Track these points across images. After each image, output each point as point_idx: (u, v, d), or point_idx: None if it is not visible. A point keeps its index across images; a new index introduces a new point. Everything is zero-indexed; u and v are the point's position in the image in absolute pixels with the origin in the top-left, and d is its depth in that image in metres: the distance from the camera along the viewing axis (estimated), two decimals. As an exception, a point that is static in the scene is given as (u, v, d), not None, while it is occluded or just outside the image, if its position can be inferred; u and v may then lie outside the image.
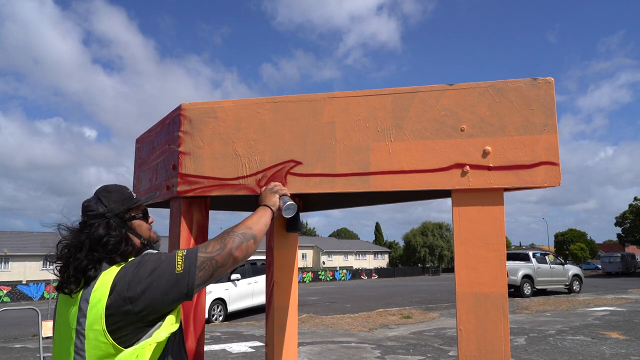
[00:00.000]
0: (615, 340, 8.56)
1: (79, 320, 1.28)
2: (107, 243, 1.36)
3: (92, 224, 1.39)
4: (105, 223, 1.40)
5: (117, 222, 1.43)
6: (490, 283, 1.51)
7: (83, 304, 1.29)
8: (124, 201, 1.48)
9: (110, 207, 1.44)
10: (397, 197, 2.20)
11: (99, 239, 1.36)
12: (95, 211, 1.42)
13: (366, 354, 7.71)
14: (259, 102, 1.79)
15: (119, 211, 1.45)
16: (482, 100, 1.57)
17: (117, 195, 1.48)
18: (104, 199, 1.45)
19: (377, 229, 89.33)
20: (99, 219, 1.41)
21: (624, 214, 52.82)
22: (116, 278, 1.30)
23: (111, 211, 1.43)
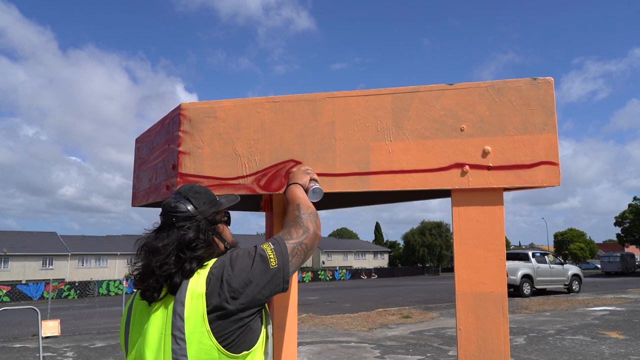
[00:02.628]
0: (614, 339, 8.56)
1: (175, 324, 1.22)
2: (196, 247, 1.30)
3: (182, 226, 1.33)
4: (195, 226, 1.34)
5: (206, 225, 1.37)
6: (490, 283, 1.51)
7: (178, 308, 1.23)
8: (212, 203, 1.43)
9: (200, 209, 1.38)
10: (397, 197, 2.20)
11: (189, 242, 1.30)
12: (186, 212, 1.35)
13: (366, 354, 7.71)
14: (258, 102, 1.79)
15: (208, 214, 1.39)
16: (482, 100, 1.57)
17: (206, 196, 1.42)
18: (193, 200, 1.39)
19: (377, 229, 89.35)
20: (189, 221, 1.34)
21: (623, 214, 52.85)
22: (210, 279, 1.25)
23: (201, 213, 1.38)
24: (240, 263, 1.27)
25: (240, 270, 1.25)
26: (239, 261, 1.28)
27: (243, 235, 65.86)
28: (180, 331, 1.20)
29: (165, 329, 1.24)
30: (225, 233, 1.47)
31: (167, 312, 1.25)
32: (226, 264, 1.28)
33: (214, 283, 1.24)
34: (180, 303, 1.23)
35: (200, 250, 1.32)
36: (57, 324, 10.78)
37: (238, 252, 1.32)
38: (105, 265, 50.19)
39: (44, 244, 47.78)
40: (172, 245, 1.29)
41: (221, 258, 1.32)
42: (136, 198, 2.36)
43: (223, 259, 1.31)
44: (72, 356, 8.31)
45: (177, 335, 1.20)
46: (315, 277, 43.47)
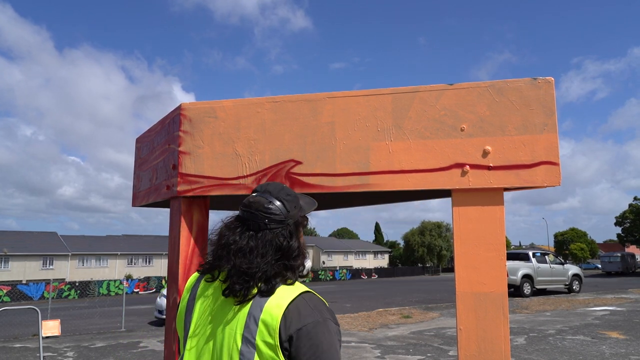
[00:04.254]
0: (615, 339, 8.56)
1: (248, 326, 1.19)
2: (291, 254, 1.26)
3: (274, 228, 1.27)
4: (288, 231, 1.29)
5: (295, 230, 1.32)
6: (490, 283, 1.51)
7: (255, 311, 1.19)
8: (301, 208, 1.37)
9: (292, 213, 1.32)
10: (397, 197, 2.20)
11: (292, 249, 1.26)
12: (279, 215, 1.28)
13: (366, 354, 7.71)
14: (259, 102, 1.80)
15: (296, 218, 1.33)
16: (482, 100, 1.57)
17: (296, 200, 1.36)
18: (286, 202, 1.32)
19: (377, 229, 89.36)
20: (281, 225, 1.28)
21: (623, 214, 52.83)
22: (289, 310, 1.19)
23: (292, 218, 1.31)
24: (320, 346, 1.17)
25: (313, 353, 1.17)
26: (321, 346, 1.18)
27: (243, 235, 65.69)
28: (252, 335, 1.18)
29: (237, 327, 1.21)
30: (302, 239, 1.38)
31: (242, 312, 1.22)
32: (310, 325, 1.18)
33: (289, 323, 1.17)
34: (258, 308, 1.19)
35: (299, 259, 1.28)
36: (58, 324, 10.79)
37: (329, 336, 1.20)
38: (105, 265, 50.20)
39: (44, 244, 47.80)
40: (267, 248, 1.25)
41: (313, 312, 1.21)
42: (137, 198, 2.36)
43: (313, 317, 1.20)
44: (72, 356, 8.32)
45: (248, 338, 1.18)
46: (315, 277, 43.47)
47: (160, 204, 2.28)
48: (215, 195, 1.82)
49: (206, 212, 1.95)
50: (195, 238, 1.89)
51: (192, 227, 1.89)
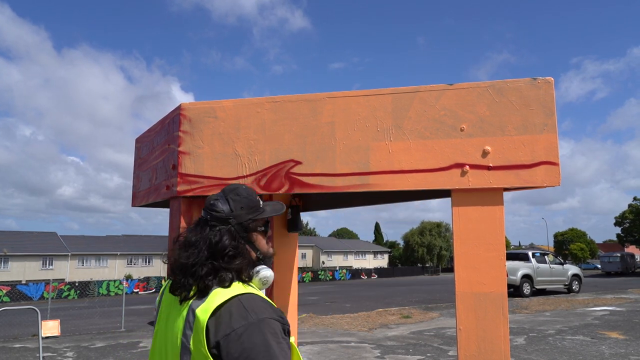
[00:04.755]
0: (614, 340, 8.56)
1: (184, 332, 1.18)
2: (228, 255, 1.25)
3: (214, 225, 1.28)
4: (227, 230, 1.28)
5: (240, 231, 1.31)
6: (490, 283, 1.51)
7: (190, 316, 1.19)
8: (251, 210, 1.35)
9: (237, 213, 1.32)
10: (397, 196, 2.20)
11: (221, 249, 1.25)
12: (221, 213, 1.30)
13: (366, 354, 7.71)
14: (258, 102, 1.80)
15: (243, 219, 1.32)
16: (482, 100, 1.58)
17: (246, 201, 1.35)
18: (232, 202, 1.33)
19: (376, 229, 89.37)
20: (222, 223, 1.29)
21: (623, 214, 52.84)
22: (220, 314, 1.16)
23: (236, 218, 1.31)
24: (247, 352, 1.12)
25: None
26: (251, 352, 1.12)
27: (243, 235, 65.71)
28: (187, 340, 1.17)
29: (178, 332, 1.20)
30: (260, 242, 1.38)
31: (182, 315, 1.21)
32: (237, 332, 1.13)
33: (217, 326, 1.14)
34: (192, 311, 1.18)
35: (236, 261, 1.26)
36: (57, 324, 10.78)
37: (257, 340, 1.14)
38: (105, 265, 50.18)
39: (44, 244, 47.78)
40: (203, 243, 1.25)
41: (241, 321, 1.16)
42: (136, 198, 2.36)
43: (241, 323, 1.15)
44: (72, 356, 8.32)
45: (185, 343, 1.17)
46: (315, 277, 43.47)
47: (160, 204, 2.28)
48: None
49: (206, 212, 1.95)
50: (195, 238, 1.89)
51: (192, 227, 1.89)
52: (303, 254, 63.50)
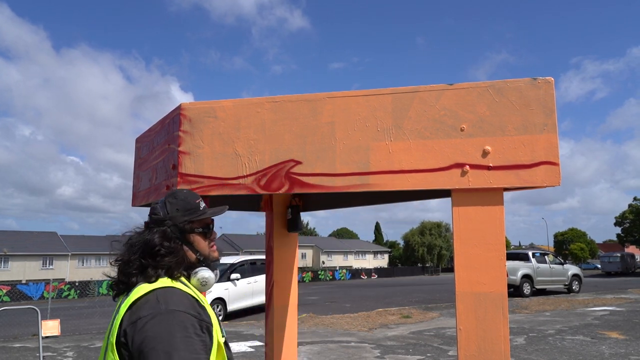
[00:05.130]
0: (614, 340, 8.56)
1: (112, 326, 1.21)
2: (157, 253, 1.29)
3: (151, 228, 1.35)
4: (162, 231, 1.33)
5: (175, 232, 1.35)
6: (490, 283, 1.51)
7: (117, 310, 1.23)
8: (188, 211, 1.39)
9: (172, 214, 1.37)
10: (397, 196, 2.20)
11: (152, 247, 1.29)
12: (157, 215, 1.37)
13: (366, 354, 7.71)
14: (258, 102, 1.79)
15: (179, 221, 1.37)
16: (482, 100, 1.57)
17: (182, 203, 1.40)
18: (168, 204, 1.39)
19: (377, 229, 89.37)
20: (158, 224, 1.35)
21: (623, 214, 52.84)
22: (136, 305, 1.19)
23: (171, 219, 1.36)
24: (151, 348, 1.11)
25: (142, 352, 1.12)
26: (153, 351, 1.11)
27: (243, 235, 65.85)
28: (111, 334, 1.20)
29: (112, 327, 1.23)
30: (199, 244, 1.41)
31: (116, 309, 1.26)
32: (144, 329, 1.13)
33: (129, 322, 1.16)
34: (119, 306, 1.22)
35: (165, 258, 1.29)
36: (57, 323, 10.78)
37: (161, 337, 1.13)
38: (105, 265, 50.14)
39: (44, 244, 47.79)
40: (138, 245, 1.31)
41: (150, 315, 1.16)
42: (136, 198, 2.36)
43: (149, 320, 1.15)
44: (72, 356, 8.31)
45: (110, 338, 1.20)
46: (315, 277, 43.47)
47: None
48: (215, 195, 1.82)
49: (206, 212, 1.95)
50: (195, 238, 1.89)
51: (192, 227, 1.89)
52: (303, 254, 63.50)
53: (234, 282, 14.04)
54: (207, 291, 3.88)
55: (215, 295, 13.24)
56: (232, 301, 13.79)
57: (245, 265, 14.84)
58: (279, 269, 2.46)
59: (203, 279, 1.38)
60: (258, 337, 9.56)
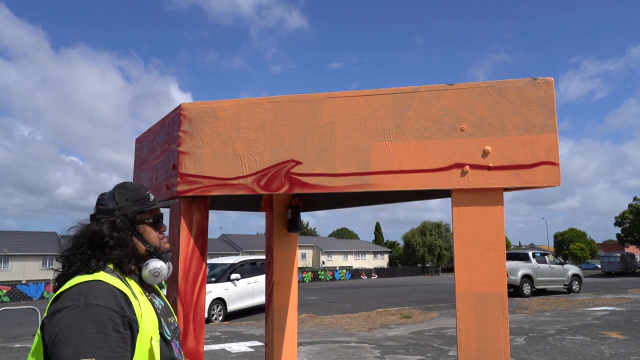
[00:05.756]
0: (614, 340, 8.56)
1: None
2: (106, 244, 1.27)
3: (99, 218, 1.31)
4: (110, 221, 1.31)
5: (124, 222, 1.33)
6: (490, 283, 1.51)
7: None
8: (137, 202, 1.38)
9: (121, 205, 1.35)
10: (397, 197, 2.20)
11: (100, 237, 1.27)
12: (105, 206, 1.34)
13: (366, 354, 7.71)
14: (258, 102, 1.79)
15: (128, 211, 1.35)
16: (482, 100, 1.57)
17: (131, 194, 1.38)
18: (117, 195, 1.36)
19: (377, 229, 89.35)
20: (106, 215, 1.32)
21: (623, 214, 52.84)
22: (57, 301, 1.16)
23: (120, 209, 1.34)
24: (62, 343, 1.08)
25: (55, 346, 1.08)
26: (63, 346, 1.07)
27: (243, 235, 65.84)
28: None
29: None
30: (149, 235, 1.39)
31: None
32: (59, 327, 1.10)
33: (48, 318, 1.13)
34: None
35: (114, 251, 1.27)
36: (57, 324, 10.77)
37: (71, 334, 1.09)
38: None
39: (44, 244, 47.79)
40: (85, 235, 1.28)
41: (68, 313, 1.12)
42: (136, 198, 2.36)
43: (65, 318, 1.11)
44: (72, 356, 8.31)
45: (38, 332, 1.17)
46: (315, 277, 43.47)
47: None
48: (215, 195, 1.82)
49: (206, 212, 1.95)
50: (195, 238, 1.89)
51: (192, 227, 1.89)
52: (303, 254, 63.50)
53: (234, 282, 14.04)
54: (210, 291, 3.87)
55: (215, 295, 13.24)
56: (232, 301, 13.79)
57: (245, 266, 14.85)
58: (279, 269, 2.46)
59: (155, 269, 1.35)
60: (258, 337, 9.56)
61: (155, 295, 1.42)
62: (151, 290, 1.42)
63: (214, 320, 12.96)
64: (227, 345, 8.60)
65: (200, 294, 1.88)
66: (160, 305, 1.41)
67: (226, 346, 8.55)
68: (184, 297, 1.82)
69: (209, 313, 12.90)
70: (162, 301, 1.45)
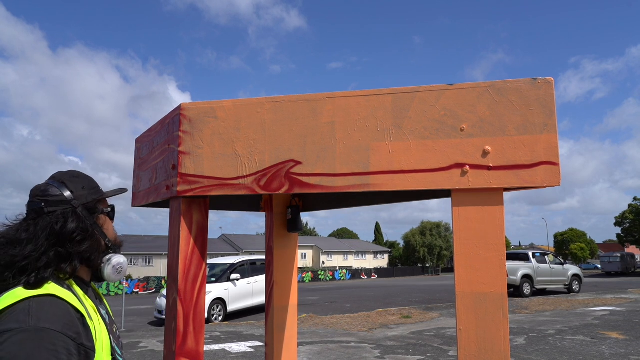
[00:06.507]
0: (614, 340, 8.56)
1: None
2: (74, 238, 1.11)
3: (53, 211, 1.12)
4: (70, 212, 1.14)
5: (84, 213, 1.17)
6: (490, 283, 1.51)
7: None
8: (93, 190, 1.23)
9: (77, 193, 1.18)
10: (397, 197, 2.20)
11: (70, 232, 1.11)
12: (59, 196, 1.15)
13: (366, 354, 7.71)
14: (259, 102, 1.80)
15: (87, 200, 1.20)
16: (482, 100, 1.58)
17: (87, 181, 1.24)
18: (69, 183, 1.19)
19: (377, 229, 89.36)
20: (62, 206, 1.14)
21: (623, 214, 52.85)
22: (2, 315, 0.97)
23: (78, 199, 1.18)
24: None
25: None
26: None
27: (243, 235, 65.86)
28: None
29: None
30: (108, 227, 1.26)
31: None
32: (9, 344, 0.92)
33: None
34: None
35: (84, 245, 1.13)
36: (57, 324, 10.77)
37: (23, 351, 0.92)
38: (105, 265, 50.17)
39: (44, 244, 47.80)
40: (42, 234, 1.08)
41: (18, 330, 0.94)
42: (136, 198, 2.36)
43: (15, 335, 0.93)
44: (72, 356, 8.32)
45: None
46: (315, 277, 43.46)
47: (160, 204, 2.28)
48: (215, 195, 1.82)
49: (206, 212, 1.95)
50: (195, 238, 1.89)
51: (192, 227, 1.89)
52: (303, 254, 63.50)
53: (234, 282, 14.05)
54: (210, 291, 3.90)
55: (215, 295, 13.25)
56: (232, 301, 13.79)
57: (245, 266, 14.85)
58: (279, 269, 2.46)
59: (119, 265, 1.23)
60: (258, 337, 9.56)
61: (99, 302, 1.27)
62: (96, 296, 1.27)
63: (214, 320, 12.97)
64: (227, 346, 8.60)
65: (200, 294, 1.88)
66: (107, 315, 1.26)
67: (226, 346, 8.55)
68: (184, 297, 1.82)
69: (209, 313, 12.90)
70: (105, 308, 1.30)
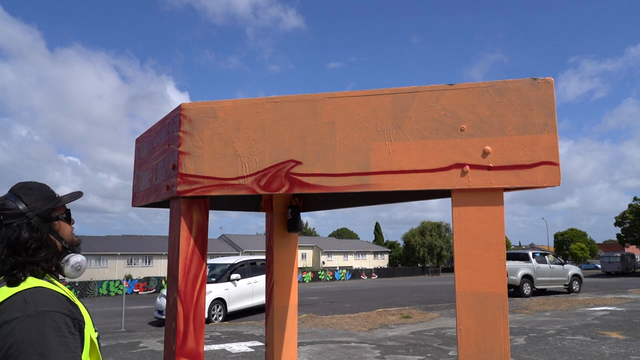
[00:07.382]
0: (614, 340, 8.56)
1: None
2: (29, 247, 1.24)
3: (10, 224, 1.25)
4: (25, 223, 1.27)
5: (39, 222, 1.30)
6: (490, 283, 1.51)
7: None
8: (47, 200, 1.36)
9: (31, 205, 1.31)
10: (397, 197, 2.20)
11: (23, 242, 1.23)
12: (14, 209, 1.28)
13: (366, 354, 7.71)
14: (259, 102, 1.80)
15: (41, 210, 1.32)
16: (482, 100, 1.58)
17: (39, 193, 1.35)
18: (24, 196, 1.32)
19: (377, 229, 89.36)
20: (18, 218, 1.27)
21: (623, 214, 52.85)
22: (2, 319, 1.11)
23: (33, 210, 1.30)
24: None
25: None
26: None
27: (243, 235, 65.85)
28: None
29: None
30: (64, 231, 1.39)
31: None
32: (8, 343, 1.06)
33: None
34: None
35: (41, 252, 1.26)
36: (57, 324, 10.77)
37: (26, 348, 1.06)
38: (105, 265, 50.20)
39: (44, 244, 47.79)
40: (0, 244, 1.23)
41: (17, 328, 1.08)
42: (136, 198, 2.36)
43: (13, 335, 1.07)
44: (72, 356, 8.31)
45: None
46: (315, 277, 43.47)
47: (160, 204, 2.28)
48: (215, 195, 1.82)
49: (206, 212, 1.95)
50: (195, 238, 1.89)
51: (192, 227, 1.89)
52: (303, 254, 63.51)
53: (234, 282, 14.05)
54: (210, 291, 3.89)
55: (216, 295, 13.24)
56: (232, 301, 13.79)
57: (245, 266, 14.85)
58: (279, 269, 2.46)
59: (77, 263, 1.36)
60: (258, 337, 9.56)
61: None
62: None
63: (214, 320, 12.97)
64: (227, 346, 8.60)
65: (200, 294, 1.88)
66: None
67: (226, 346, 8.55)
68: (184, 297, 1.82)
69: (209, 313, 12.90)
70: None
